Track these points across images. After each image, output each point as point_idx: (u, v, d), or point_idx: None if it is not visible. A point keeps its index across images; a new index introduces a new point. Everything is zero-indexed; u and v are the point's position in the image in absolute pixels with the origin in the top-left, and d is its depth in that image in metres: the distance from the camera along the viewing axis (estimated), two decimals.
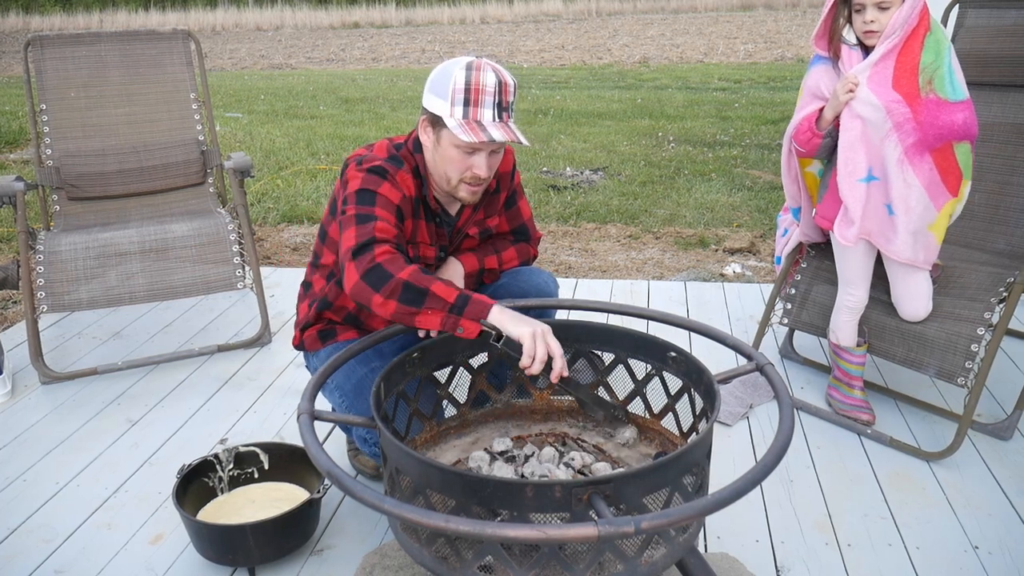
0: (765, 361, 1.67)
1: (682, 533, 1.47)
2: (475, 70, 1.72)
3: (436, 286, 1.63)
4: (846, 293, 2.43)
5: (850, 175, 2.24)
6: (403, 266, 1.66)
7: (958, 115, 2.11)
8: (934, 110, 2.11)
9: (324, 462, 1.33)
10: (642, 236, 4.72)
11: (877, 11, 2.10)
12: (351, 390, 1.92)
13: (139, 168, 3.30)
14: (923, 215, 2.21)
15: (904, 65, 2.11)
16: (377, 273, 1.64)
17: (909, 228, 2.22)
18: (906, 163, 2.15)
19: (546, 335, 1.61)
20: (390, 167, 1.83)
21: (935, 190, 2.18)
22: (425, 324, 1.64)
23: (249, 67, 15.36)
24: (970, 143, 2.16)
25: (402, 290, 1.63)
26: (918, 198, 2.18)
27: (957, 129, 2.12)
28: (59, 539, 2.03)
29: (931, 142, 2.13)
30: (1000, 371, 2.77)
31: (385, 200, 1.79)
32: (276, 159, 6.83)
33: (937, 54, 2.10)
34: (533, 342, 1.59)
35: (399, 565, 1.84)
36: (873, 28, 2.11)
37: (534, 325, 1.61)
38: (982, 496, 2.16)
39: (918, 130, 2.12)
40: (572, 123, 8.44)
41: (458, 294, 1.63)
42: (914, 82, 2.10)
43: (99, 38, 3.32)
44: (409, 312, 1.63)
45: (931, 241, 2.26)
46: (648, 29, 20.81)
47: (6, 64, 15.15)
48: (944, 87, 2.11)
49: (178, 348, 3.10)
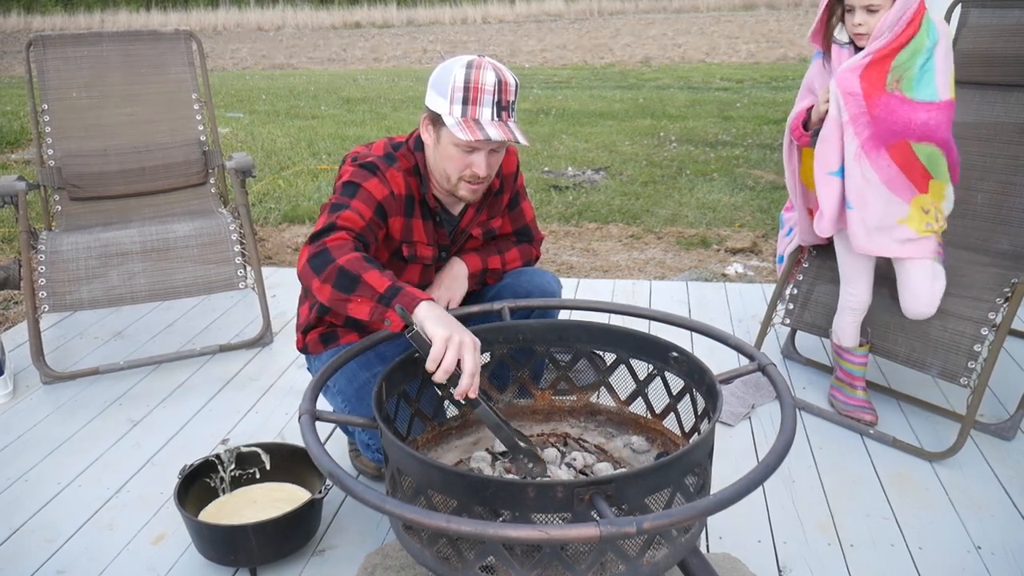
0: (767, 361, 1.67)
1: (684, 533, 1.46)
2: (475, 68, 1.72)
3: (369, 275, 1.56)
4: (847, 292, 2.43)
5: (821, 168, 2.23)
6: (347, 252, 1.61)
7: (919, 114, 2.07)
8: (893, 106, 2.07)
9: (326, 462, 1.33)
10: (644, 236, 4.72)
11: (866, 14, 2.09)
12: (353, 395, 1.91)
13: (141, 168, 3.31)
14: (887, 209, 2.17)
15: (877, 60, 2.09)
16: (321, 257, 1.62)
17: (867, 222, 2.19)
18: (863, 157, 2.13)
19: (463, 346, 1.49)
20: (381, 164, 1.84)
21: (897, 184, 2.14)
22: (356, 313, 1.58)
23: (251, 67, 15.37)
24: (936, 145, 2.11)
25: (336, 275, 1.59)
26: (877, 193, 2.15)
27: (915, 128, 2.07)
28: (61, 539, 2.03)
29: (885, 137, 2.09)
30: (1003, 372, 2.77)
31: (367, 194, 1.79)
32: (277, 159, 6.83)
33: (914, 53, 2.07)
34: (443, 347, 1.47)
35: (401, 565, 1.84)
36: (861, 31, 2.11)
37: (457, 332, 1.49)
38: (985, 496, 2.15)
39: (871, 124, 2.09)
40: (574, 123, 8.44)
41: (389, 284, 1.55)
42: (882, 77, 2.07)
43: (101, 38, 3.32)
44: (342, 299, 1.59)
45: (906, 233, 2.20)
46: (650, 29, 20.79)
47: (8, 64, 15.16)
48: (912, 86, 2.07)
49: (180, 348, 3.10)
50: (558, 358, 1.93)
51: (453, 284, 2.01)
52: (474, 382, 1.51)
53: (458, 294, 2.02)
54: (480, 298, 2.10)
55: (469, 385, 1.51)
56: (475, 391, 1.52)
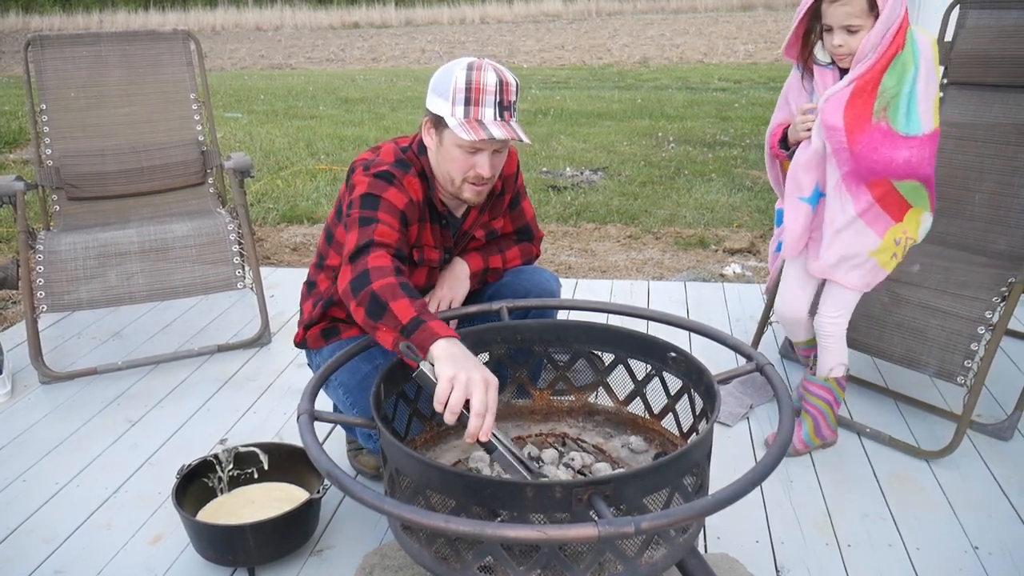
0: (765, 361, 1.67)
1: (682, 533, 1.47)
2: (476, 70, 1.72)
3: (397, 304, 1.55)
4: (778, 302, 2.40)
5: (792, 190, 2.16)
6: (384, 276, 1.61)
7: (902, 152, 1.94)
8: (875, 143, 1.95)
9: (324, 462, 1.33)
10: (642, 236, 4.72)
11: (846, 34, 1.94)
12: (355, 386, 1.91)
13: (139, 168, 3.30)
14: (855, 241, 2.09)
15: (863, 87, 1.95)
16: (360, 280, 1.62)
17: (835, 249, 2.12)
18: (843, 189, 2.04)
19: (471, 384, 1.41)
20: (397, 171, 1.83)
21: (872, 216, 2.06)
22: (382, 341, 1.57)
23: (249, 67, 15.36)
24: (920, 182, 2.00)
25: (369, 300, 1.59)
26: (850, 223, 2.07)
27: (897, 168, 1.96)
28: (59, 539, 2.03)
29: (864, 175, 2.00)
30: (1000, 371, 2.77)
31: (389, 205, 1.78)
32: (276, 159, 6.82)
33: (900, 78, 1.93)
34: (448, 387, 1.42)
35: (399, 565, 1.84)
36: (842, 52, 1.97)
37: (465, 371, 1.43)
38: (982, 497, 2.16)
39: (851, 161, 1.99)
40: (572, 123, 8.44)
41: (413, 316, 1.53)
42: (868, 106, 1.95)
43: (99, 38, 3.32)
44: (371, 325, 1.59)
45: (872, 266, 2.13)
46: (648, 29, 20.80)
47: (6, 64, 15.14)
48: (897, 116, 1.94)
49: (178, 348, 3.10)
50: (556, 358, 1.93)
51: (455, 284, 2.02)
52: (484, 424, 1.43)
53: (460, 293, 2.02)
54: (479, 297, 2.10)
55: (478, 427, 1.43)
56: (486, 434, 1.43)
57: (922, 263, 2.50)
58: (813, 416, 2.32)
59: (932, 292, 2.37)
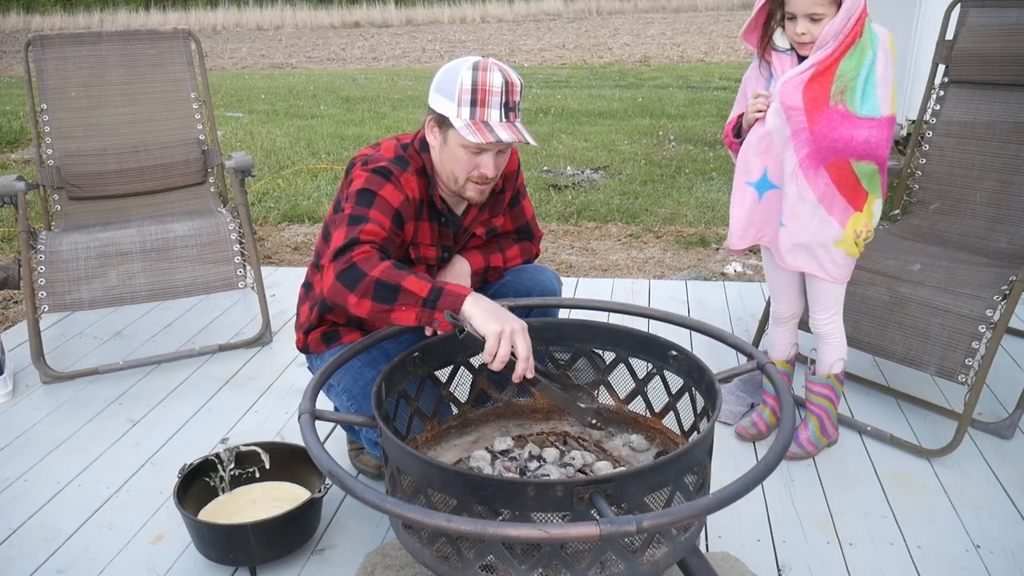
0: (766, 360, 1.67)
1: (683, 532, 1.47)
2: (481, 70, 1.71)
3: (408, 281, 1.60)
4: (773, 304, 2.40)
5: (739, 177, 2.17)
6: (376, 264, 1.63)
7: (861, 131, 1.96)
8: (835, 122, 1.97)
9: (325, 462, 1.33)
10: (643, 235, 4.72)
11: (809, 22, 1.96)
12: (359, 393, 1.91)
13: (140, 168, 3.30)
14: (820, 230, 2.09)
15: (822, 72, 1.97)
16: (351, 273, 1.62)
17: (799, 240, 2.11)
18: (800, 175, 2.04)
19: (514, 335, 1.57)
20: (395, 168, 1.82)
21: (832, 203, 2.06)
22: (401, 320, 1.62)
23: (250, 66, 15.36)
24: (875, 164, 2.01)
25: (375, 288, 1.60)
26: (812, 212, 2.06)
27: (856, 146, 1.97)
28: (60, 539, 2.03)
29: (824, 155, 2.00)
30: (1001, 370, 2.77)
31: (384, 202, 1.78)
32: (277, 158, 6.83)
33: (858, 63, 1.95)
34: (497, 341, 1.56)
35: (400, 565, 1.84)
36: (805, 40, 1.98)
37: (504, 322, 1.57)
38: (984, 495, 2.16)
39: (811, 141, 2.00)
40: (573, 122, 8.44)
41: (430, 287, 1.60)
42: (826, 89, 1.97)
43: (100, 38, 3.32)
44: (384, 310, 1.61)
45: (839, 257, 2.13)
46: (649, 28, 20.80)
47: (7, 64, 15.15)
48: (854, 99, 1.96)
49: (179, 348, 3.10)
50: (557, 357, 1.93)
51: (457, 282, 2.02)
52: (529, 364, 1.60)
53: None
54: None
55: (525, 369, 1.60)
56: (531, 371, 1.61)
57: (923, 262, 2.50)
58: (818, 416, 2.32)
59: (933, 291, 2.37)
